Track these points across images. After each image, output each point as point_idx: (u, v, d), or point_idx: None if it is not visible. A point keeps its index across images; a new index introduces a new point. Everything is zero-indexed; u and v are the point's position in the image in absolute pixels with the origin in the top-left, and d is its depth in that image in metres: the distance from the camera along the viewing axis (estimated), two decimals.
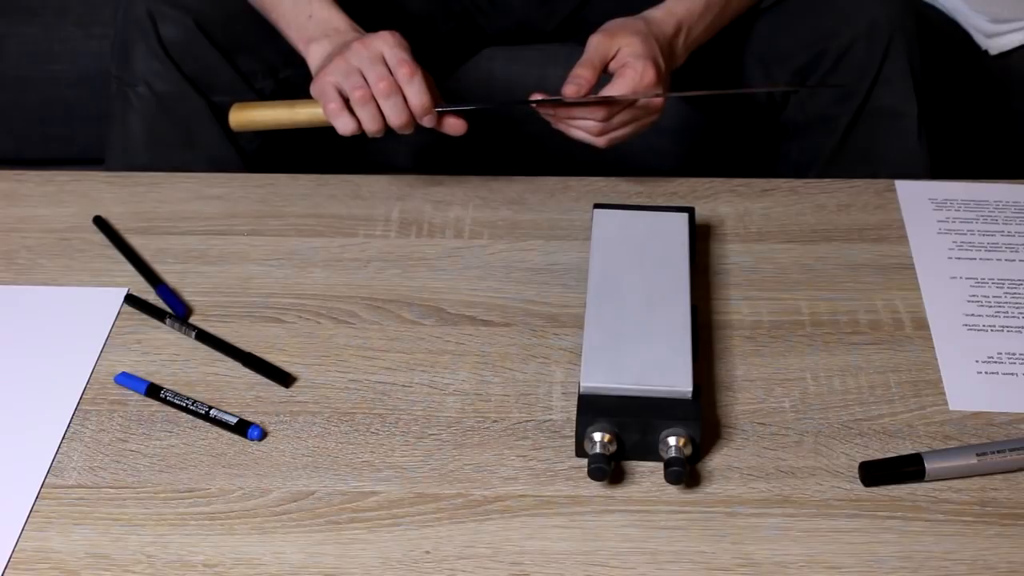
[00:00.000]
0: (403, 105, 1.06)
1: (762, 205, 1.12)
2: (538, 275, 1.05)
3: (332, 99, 1.07)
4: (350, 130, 1.08)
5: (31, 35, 1.56)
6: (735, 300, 1.02)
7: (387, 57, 1.06)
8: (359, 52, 1.06)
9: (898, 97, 1.27)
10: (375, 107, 1.06)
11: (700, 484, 0.86)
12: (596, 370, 0.88)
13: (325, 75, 1.07)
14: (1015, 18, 1.50)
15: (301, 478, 0.87)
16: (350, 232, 1.10)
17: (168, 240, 1.09)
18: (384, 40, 1.07)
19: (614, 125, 1.10)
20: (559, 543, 0.82)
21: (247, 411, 0.92)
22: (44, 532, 0.83)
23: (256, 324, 1.00)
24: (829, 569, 0.80)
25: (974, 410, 0.92)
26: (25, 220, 1.12)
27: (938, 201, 1.12)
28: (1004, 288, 1.03)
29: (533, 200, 1.13)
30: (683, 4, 1.16)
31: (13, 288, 1.04)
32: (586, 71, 1.08)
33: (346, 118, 1.07)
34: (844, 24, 1.26)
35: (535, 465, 0.88)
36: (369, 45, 1.07)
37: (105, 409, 0.93)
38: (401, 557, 0.81)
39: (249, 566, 0.81)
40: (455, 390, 0.94)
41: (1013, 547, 0.81)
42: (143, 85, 1.26)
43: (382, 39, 1.07)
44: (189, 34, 1.26)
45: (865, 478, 0.86)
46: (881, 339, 0.98)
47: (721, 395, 0.93)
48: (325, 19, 1.13)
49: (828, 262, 1.06)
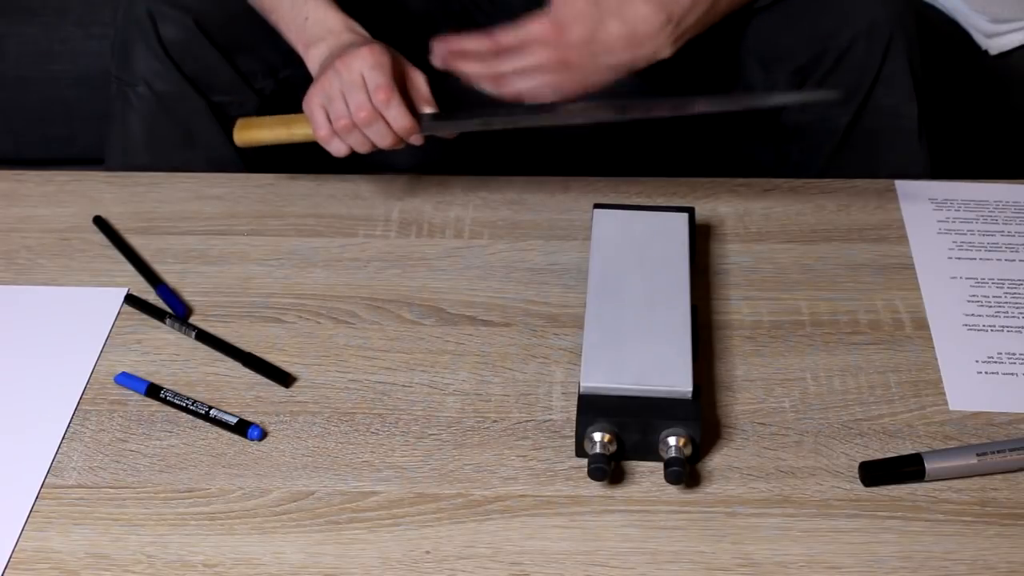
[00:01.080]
0: (387, 129, 1.06)
1: (762, 205, 1.12)
2: (538, 275, 1.05)
3: (321, 126, 1.07)
4: (343, 153, 1.08)
5: (31, 35, 1.56)
6: (735, 300, 1.02)
7: (366, 80, 1.05)
8: (341, 74, 1.06)
9: (898, 97, 1.26)
10: (359, 133, 1.06)
11: (700, 484, 0.86)
12: (596, 370, 0.88)
13: (313, 96, 1.08)
14: (1015, 18, 1.50)
15: (301, 478, 0.87)
16: (350, 232, 1.10)
17: (168, 240, 1.09)
18: (362, 60, 1.05)
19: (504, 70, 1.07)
20: (559, 543, 0.82)
21: (247, 411, 0.92)
22: (44, 532, 0.83)
23: (256, 324, 1.00)
24: (829, 569, 0.80)
25: (974, 410, 0.92)
26: (25, 220, 1.12)
27: (938, 201, 1.12)
28: (1004, 288, 1.03)
29: (533, 200, 1.13)
30: None
31: (13, 288, 1.04)
32: None
33: (337, 143, 1.08)
34: (844, 24, 1.25)
35: (535, 465, 0.88)
36: (348, 66, 1.06)
37: (105, 409, 0.93)
38: (401, 557, 0.81)
39: (249, 566, 0.81)
40: (455, 390, 0.94)
41: (1013, 547, 0.81)
42: (143, 85, 1.26)
43: (361, 58, 1.06)
44: (189, 34, 1.26)
45: (865, 478, 0.86)
46: (881, 339, 0.98)
47: (721, 395, 0.93)
48: (320, 20, 1.13)
49: (828, 262, 1.06)
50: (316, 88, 1.08)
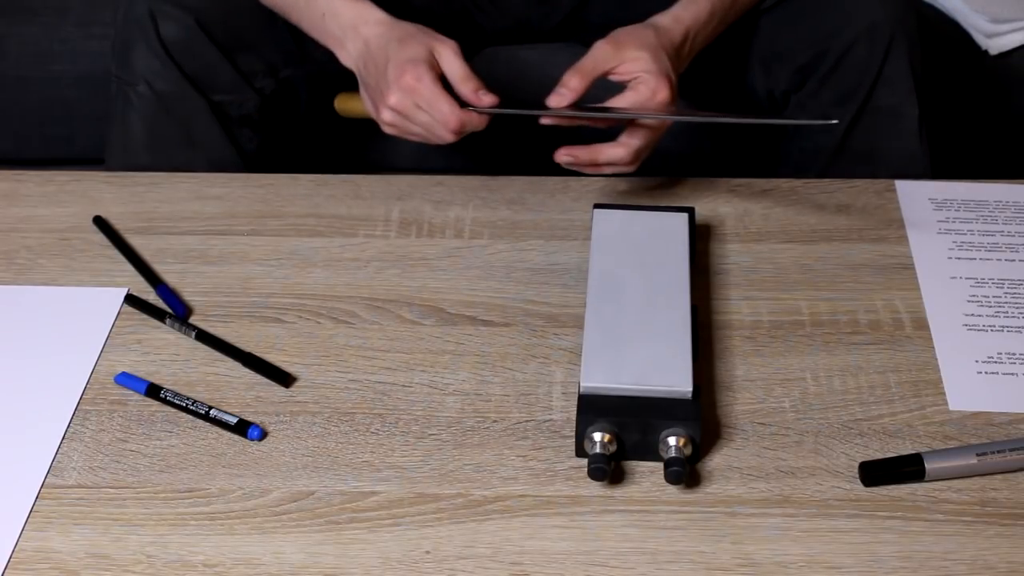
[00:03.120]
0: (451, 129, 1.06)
1: (762, 205, 1.12)
2: (538, 275, 1.05)
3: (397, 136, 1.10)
4: None
5: (31, 35, 1.56)
6: (735, 300, 1.02)
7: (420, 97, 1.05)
8: (397, 96, 1.06)
9: (899, 97, 1.27)
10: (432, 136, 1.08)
11: (700, 484, 0.86)
12: (596, 370, 0.88)
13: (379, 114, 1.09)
14: (1015, 18, 1.50)
15: (301, 478, 0.87)
16: (350, 232, 1.10)
17: (168, 240, 1.09)
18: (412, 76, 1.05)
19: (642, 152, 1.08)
20: (559, 543, 0.82)
21: (247, 411, 0.92)
22: (44, 532, 0.83)
23: (256, 324, 1.00)
24: (829, 569, 0.80)
25: (974, 410, 0.92)
26: (25, 220, 1.12)
27: (938, 201, 1.12)
28: (1004, 288, 1.03)
29: (533, 200, 1.13)
30: (690, 10, 1.13)
31: (13, 288, 1.04)
32: (575, 80, 1.05)
33: None
34: (845, 23, 1.25)
35: (535, 465, 0.88)
36: (402, 84, 1.05)
37: (105, 409, 0.93)
38: (401, 557, 0.81)
39: (249, 566, 0.81)
40: (455, 390, 0.94)
41: (1013, 547, 0.81)
42: (143, 84, 1.26)
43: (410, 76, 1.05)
44: (189, 33, 1.26)
45: (865, 478, 0.86)
46: (881, 339, 0.98)
47: (721, 395, 0.93)
48: (335, 14, 1.13)
49: (828, 262, 1.06)
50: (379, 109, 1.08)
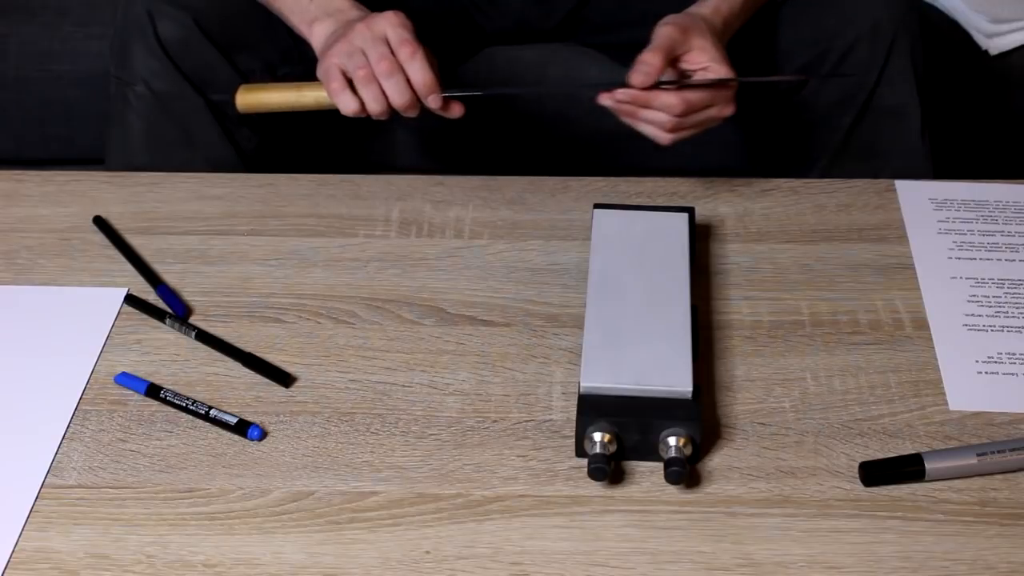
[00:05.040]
0: (405, 85, 1.05)
1: (762, 205, 1.12)
2: (538, 275, 1.05)
3: (335, 79, 1.06)
4: (352, 109, 1.07)
5: (31, 35, 1.56)
6: (735, 300, 1.02)
7: (389, 37, 1.05)
8: (362, 32, 1.06)
9: (901, 96, 1.27)
10: (377, 87, 1.05)
11: (700, 484, 0.86)
12: (596, 370, 0.88)
13: (329, 56, 1.07)
14: (1015, 18, 1.50)
15: (301, 478, 0.87)
16: (350, 232, 1.10)
17: (168, 240, 1.09)
18: (387, 20, 1.06)
19: (687, 123, 1.06)
20: (559, 543, 0.82)
21: (247, 411, 0.92)
22: (44, 532, 0.83)
23: (256, 324, 1.00)
24: (829, 569, 0.80)
25: (974, 410, 0.92)
26: (25, 220, 1.12)
27: (938, 201, 1.12)
28: (1004, 288, 1.03)
29: (533, 200, 1.13)
30: (728, 2, 1.13)
31: (13, 288, 1.04)
32: (655, 58, 1.04)
33: (348, 97, 1.06)
34: (847, 23, 1.25)
35: (535, 465, 0.88)
36: (372, 25, 1.06)
37: (105, 409, 0.93)
38: (401, 557, 0.81)
39: (249, 566, 0.81)
40: (455, 390, 0.94)
41: (1013, 547, 0.81)
42: (142, 84, 1.26)
43: (385, 19, 1.06)
44: (188, 33, 1.26)
45: (865, 478, 0.86)
46: (881, 339, 0.98)
47: (721, 395, 0.93)
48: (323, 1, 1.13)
49: (828, 262, 1.06)
50: (334, 49, 1.07)
